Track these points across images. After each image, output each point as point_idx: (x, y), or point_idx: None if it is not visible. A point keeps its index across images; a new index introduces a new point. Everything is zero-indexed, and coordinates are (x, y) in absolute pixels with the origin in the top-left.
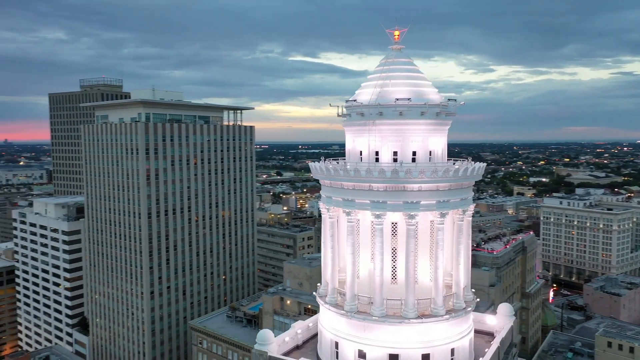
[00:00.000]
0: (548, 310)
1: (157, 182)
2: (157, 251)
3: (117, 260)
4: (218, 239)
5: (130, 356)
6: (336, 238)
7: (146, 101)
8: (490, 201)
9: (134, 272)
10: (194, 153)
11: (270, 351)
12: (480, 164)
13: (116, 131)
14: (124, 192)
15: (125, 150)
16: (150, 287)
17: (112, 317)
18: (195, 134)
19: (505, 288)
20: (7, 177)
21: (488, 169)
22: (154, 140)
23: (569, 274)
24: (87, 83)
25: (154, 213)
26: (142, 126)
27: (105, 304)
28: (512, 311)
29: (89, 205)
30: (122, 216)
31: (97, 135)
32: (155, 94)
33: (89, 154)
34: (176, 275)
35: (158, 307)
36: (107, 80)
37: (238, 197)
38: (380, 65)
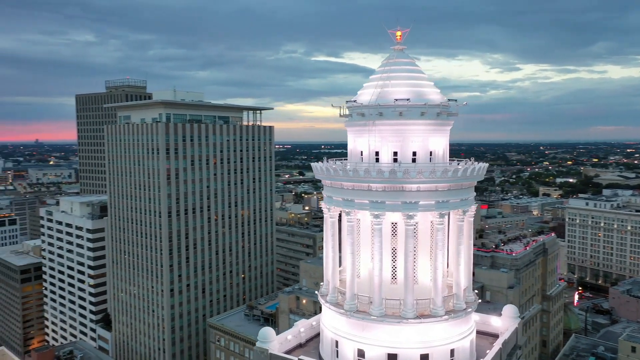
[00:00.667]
0: (571, 313)
1: (178, 181)
2: (177, 249)
3: (138, 258)
4: (237, 238)
5: (151, 352)
6: (337, 238)
7: (167, 102)
8: (515, 202)
9: (154, 270)
10: (214, 153)
11: (271, 349)
12: (481, 164)
13: (138, 131)
14: (145, 191)
15: (146, 150)
16: (170, 284)
17: (133, 314)
18: (214, 134)
19: (524, 290)
20: (37, 176)
21: (513, 170)
22: (174, 140)
23: (595, 276)
24: (112, 84)
25: (174, 212)
26: (163, 126)
27: (127, 300)
28: (517, 313)
29: (111, 204)
30: (143, 215)
31: (120, 135)
32: (176, 95)
33: (112, 153)
34: (195, 273)
35: (178, 304)
36: (131, 81)
37: (257, 197)
38: (381, 66)
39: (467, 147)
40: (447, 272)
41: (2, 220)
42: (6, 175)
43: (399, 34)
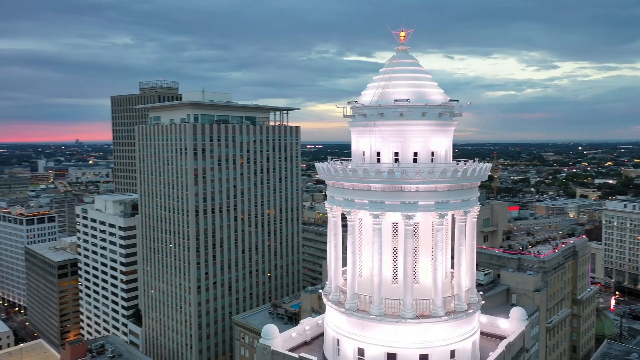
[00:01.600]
0: (605, 318)
1: (205, 180)
2: (204, 248)
3: (167, 256)
4: (263, 237)
5: (179, 348)
6: (339, 237)
7: (194, 103)
8: (550, 204)
9: (182, 268)
10: (240, 153)
11: (274, 345)
12: (483, 165)
13: (166, 132)
14: (174, 190)
15: (174, 150)
16: (197, 282)
17: (162, 310)
18: (241, 134)
19: (553, 294)
20: (76, 175)
21: (549, 170)
22: (202, 141)
23: (633, 281)
24: (145, 86)
25: (202, 211)
26: (191, 127)
27: (157, 297)
28: (524, 315)
29: (142, 203)
30: (172, 213)
31: (150, 135)
32: (204, 96)
33: (142, 153)
34: (222, 271)
35: (204, 301)
36: (163, 83)
37: (283, 196)
38: (385, 67)
39: (501, 147)
40: (451, 273)
41: (41, 218)
42: (48, 175)
43: (402, 34)
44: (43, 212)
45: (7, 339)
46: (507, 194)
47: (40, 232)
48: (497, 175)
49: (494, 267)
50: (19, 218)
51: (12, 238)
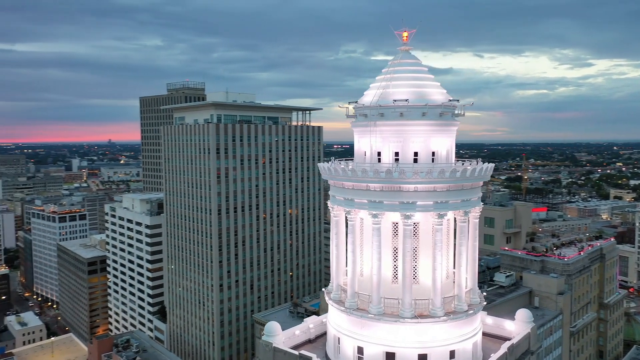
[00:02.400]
0: (636, 323)
1: (227, 180)
2: (227, 246)
3: (191, 254)
4: (285, 236)
5: (202, 344)
6: (341, 236)
7: (217, 103)
8: (582, 205)
9: (205, 265)
10: (263, 152)
11: (276, 342)
12: (484, 165)
13: (190, 132)
14: (197, 189)
15: (198, 150)
16: (219, 280)
17: (186, 307)
18: (264, 134)
19: (577, 297)
20: (108, 174)
21: (582, 171)
22: (225, 141)
23: None
24: (172, 87)
25: (224, 210)
26: (214, 127)
27: (181, 294)
28: (530, 318)
29: (167, 201)
30: (195, 212)
31: (174, 135)
32: (228, 96)
33: (167, 153)
34: (244, 269)
35: (227, 299)
36: (190, 83)
37: (305, 196)
38: (387, 67)
39: (532, 147)
40: (453, 274)
41: (73, 216)
42: (81, 174)
43: (405, 35)
44: (75, 210)
45: (40, 332)
46: (536, 195)
47: (71, 229)
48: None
49: (517, 269)
50: (52, 215)
51: (45, 235)
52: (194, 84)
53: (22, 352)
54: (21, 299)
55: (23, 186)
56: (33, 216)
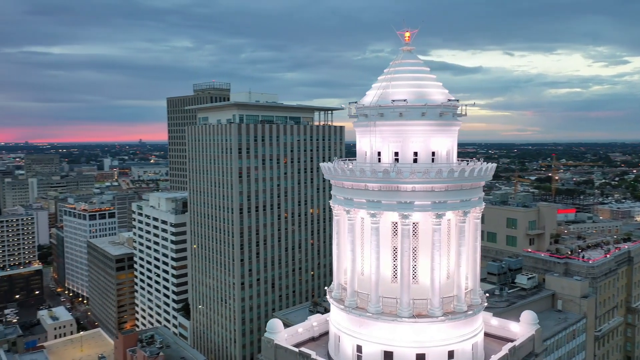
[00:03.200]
0: None
1: (249, 179)
2: (248, 245)
3: (213, 252)
4: (307, 236)
5: (224, 342)
6: (341, 235)
7: (240, 103)
8: (615, 206)
9: (227, 264)
10: (284, 152)
11: (277, 340)
12: (483, 165)
13: (213, 132)
14: (220, 188)
15: (220, 150)
16: (241, 278)
17: (209, 305)
18: (285, 134)
19: (603, 301)
20: (139, 173)
21: (616, 171)
22: (246, 140)
23: None
24: (199, 87)
25: (245, 209)
26: (236, 127)
27: (204, 292)
28: (535, 319)
29: (191, 200)
30: (218, 211)
31: (198, 135)
32: (251, 97)
33: (192, 152)
34: (265, 268)
35: (248, 297)
36: (216, 84)
37: (327, 196)
38: (389, 67)
39: (564, 147)
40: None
41: (102, 214)
42: (112, 173)
43: (407, 35)
44: (104, 209)
45: (70, 326)
46: (567, 196)
47: (101, 227)
48: (558, 176)
49: (540, 271)
50: (82, 213)
51: (76, 232)
52: (220, 84)
53: (52, 346)
54: (53, 294)
55: (57, 185)
56: (65, 214)
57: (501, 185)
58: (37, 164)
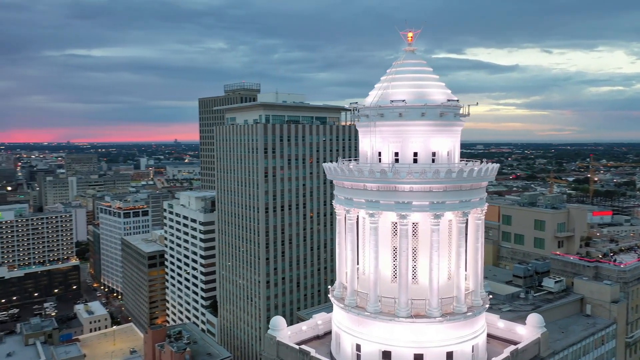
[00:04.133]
0: None
1: (275, 179)
2: (274, 244)
3: (240, 251)
4: (332, 235)
5: (250, 339)
6: (343, 235)
7: (266, 104)
8: None
9: (253, 262)
10: (310, 152)
11: (279, 337)
12: (483, 166)
13: (240, 132)
14: (246, 187)
15: (247, 150)
16: (266, 277)
17: (236, 303)
18: (311, 134)
19: (635, 306)
20: (173, 172)
21: None
22: (272, 140)
23: None
24: (229, 88)
25: (271, 208)
26: (262, 127)
27: (231, 289)
28: (541, 323)
29: (219, 199)
30: (244, 210)
31: (225, 135)
32: (278, 97)
33: (220, 152)
34: (291, 267)
35: (273, 296)
36: (246, 85)
37: None
38: (390, 67)
39: (605, 148)
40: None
41: (136, 211)
42: (148, 172)
43: (410, 35)
44: (138, 207)
45: (105, 321)
46: (606, 198)
47: (135, 224)
48: (598, 177)
49: (568, 274)
50: (117, 211)
51: (112, 229)
52: (249, 85)
53: (87, 339)
54: (90, 289)
55: (95, 183)
56: (101, 212)
57: (537, 187)
58: (77, 163)
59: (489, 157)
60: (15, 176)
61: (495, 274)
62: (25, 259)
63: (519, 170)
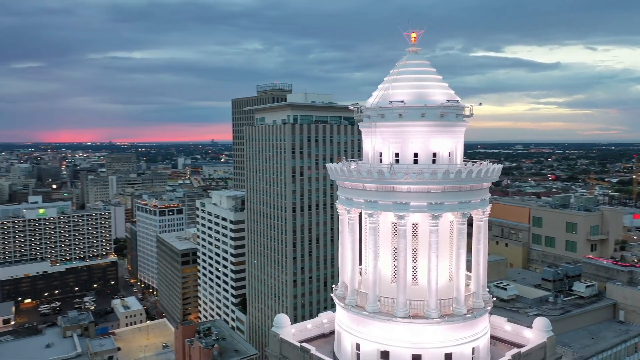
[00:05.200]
0: None
1: (302, 179)
2: (301, 243)
3: (268, 249)
4: None
5: None
6: (344, 235)
7: (294, 104)
8: None
9: (281, 261)
10: (338, 152)
11: (282, 334)
12: (483, 166)
13: (268, 132)
14: (274, 187)
15: (275, 150)
16: (293, 276)
17: (264, 301)
18: (339, 134)
19: None
20: (209, 172)
21: None
22: (300, 140)
23: None
24: (262, 89)
25: (298, 207)
26: (289, 127)
27: (260, 288)
28: (548, 327)
29: (248, 198)
30: (272, 209)
31: (255, 135)
32: (307, 97)
33: (249, 152)
34: (318, 266)
35: (300, 295)
36: (278, 85)
37: None
38: (394, 67)
39: None
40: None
41: (171, 210)
42: (185, 171)
43: (413, 36)
44: (173, 205)
45: (140, 316)
46: None
47: (170, 222)
48: None
49: (601, 279)
50: (153, 209)
51: (148, 227)
52: (281, 85)
53: (122, 333)
54: (127, 284)
55: (134, 182)
56: (138, 209)
57: (577, 188)
58: (117, 162)
59: (527, 157)
60: (60, 175)
61: (524, 277)
62: (67, 254)
63: (560, 171)
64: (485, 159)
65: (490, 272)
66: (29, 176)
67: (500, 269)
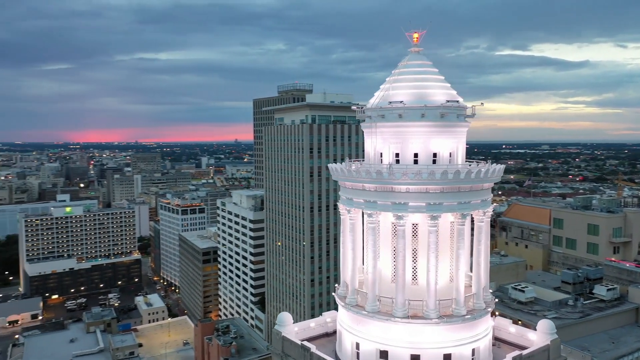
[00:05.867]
0: None
1: (320, 179)
2: (318, 243)
3: (286, 249)
4: None
5: None
6: (345, 234)
7: (312, 104)
8: None
9: (298, 261)
10: (356, 152)
11: (285, 332)
12: (485, 167)
13: (286, 132)
14: (292, 187)
15: (293, 150)
16: (310, 275)
17: (282, 300)
18: (357, 134)
19: None
20: (232, 171)
21: None
22: (318, 140)
23: None
24: (282, 89)
25: (316, 207)
26: (307, 127)
27: (278, 287)
28: (552, 329)
29: (267, 198)
30: (290, 209)
31: (273, 135)
32: (326, 97)
33: (268, 152)
34: (335, 266)
35: (318, 294)
36: (299, 85)
37: None
38: (395, 68)
39: None
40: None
41: (193, 209)
42: (208, 170)
43: (415, 36)
44: (195, 204)
45: (162, 313)
46: None
47: (192, 221)
48: None
49: (623, 282)
50: (175, 208)
51: (170, 226)
52: (302, 85)
53: (144, 330)
54: (150, 282)
55: (158, 181)
56: (161, 208)
57: (605, 189)
58: (142, 162)
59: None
60: (87, 174)
61: (544, 280)
62: (92, 251)
63: (587, 172)
64: (510, 159)
65: (508, 274)
66: (58, 175)
67: (519, 271)
